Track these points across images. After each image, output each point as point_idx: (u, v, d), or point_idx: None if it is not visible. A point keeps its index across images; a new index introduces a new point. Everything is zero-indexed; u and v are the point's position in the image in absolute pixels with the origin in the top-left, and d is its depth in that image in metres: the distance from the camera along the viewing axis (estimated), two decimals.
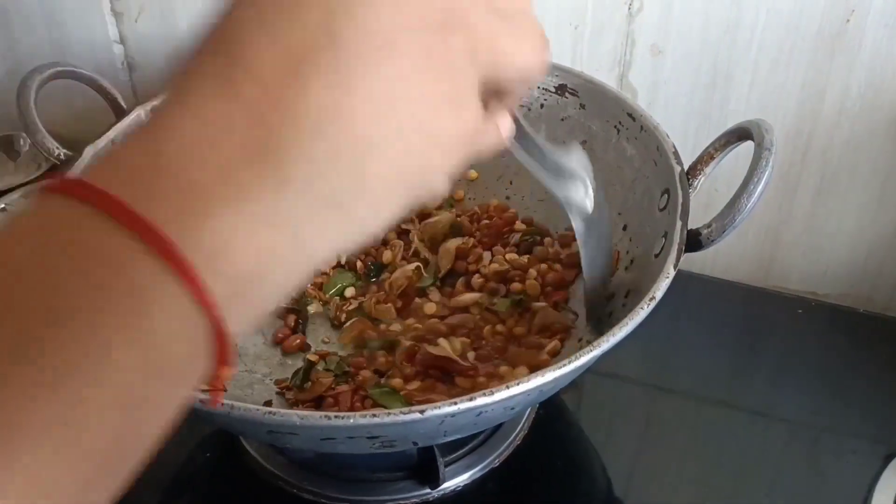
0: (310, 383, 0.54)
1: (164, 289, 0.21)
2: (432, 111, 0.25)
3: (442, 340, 0.53)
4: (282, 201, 0.23)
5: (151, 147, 0.22)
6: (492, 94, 0.28)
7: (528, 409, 0.57)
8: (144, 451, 0.22)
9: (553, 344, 0.53)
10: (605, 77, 0.68)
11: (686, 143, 0.59)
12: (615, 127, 0.58)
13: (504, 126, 0.30)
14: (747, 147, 0.50)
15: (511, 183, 0.65)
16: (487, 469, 0.54)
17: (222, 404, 0.34)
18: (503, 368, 0.52)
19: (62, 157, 0.55)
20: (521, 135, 0.37)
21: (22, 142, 0.82)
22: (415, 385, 0.52)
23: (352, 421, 0.38)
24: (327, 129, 0.23)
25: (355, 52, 0.23)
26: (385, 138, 0.24)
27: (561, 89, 0.61)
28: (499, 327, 0.56)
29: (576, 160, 0.42)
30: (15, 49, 0.80)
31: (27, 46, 0.79)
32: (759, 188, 0.45)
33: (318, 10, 0.23)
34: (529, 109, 0.63)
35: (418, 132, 0.25)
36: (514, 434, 0.56)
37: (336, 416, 0.38)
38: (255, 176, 0.22)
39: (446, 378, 0.52)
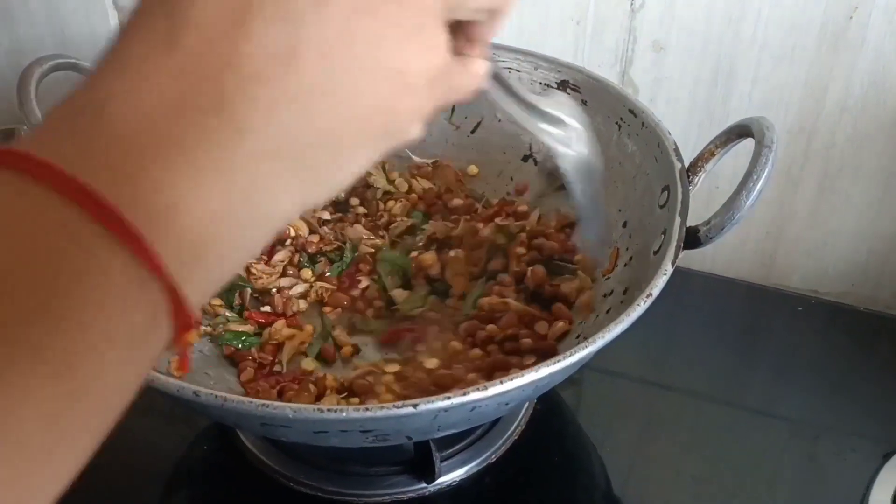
0: None
1: (112, 257, 0.19)
2: (394, 48, 0.23)
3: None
4: (232, 156, 0.21)
5: (90, 107, 0.21)
6: (460, 32, 0.26)
7: (525, 405, 0.57)
8: (107, 423, 0.21)
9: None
10: (607, 73, 0.68)
11: (687, 140, 0.59)
12: (616, 123, 0.58)
13: (480, 67, 0.29)
14: (748, 145, 0.50)
15: (511, 179, 0.65)
16: (484, 464, 0.54)
17: (188, 371, 0.34)
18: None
19: None
20: (499, 81, 0.36)
21: (23, 134, 0.82)
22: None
23: (344, 414, 0.38)
24: (275, 75, 0.22)
25: None
26: (342, 81, 0.22)
27: (563, 85, 0.61)
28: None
29: (561, 106, 0.41)
30: (17, 42, 0.80)
31: (29, 40, 0.79)
32: (759, 186, 0.45)
33: None
34: None
35: (380, 72, 0.23)
36: (511, 430, 0.56)
37: (329, 410, 0.38)
38: (202, 130, 0.21)
39: None
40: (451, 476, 0.53)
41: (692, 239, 0.48)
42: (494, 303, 0.54)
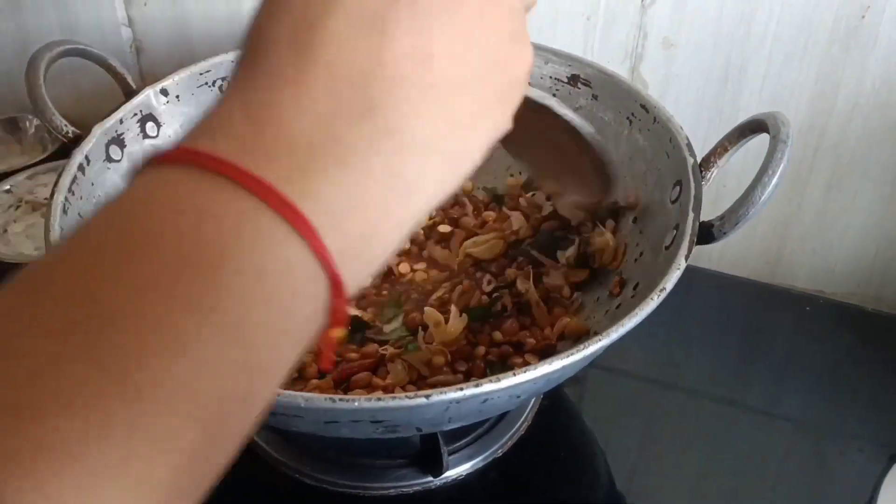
0: None
1: (290, 250, 0.21)
2: (504, 47, 0.26)
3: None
4: (387, 154, 0.23)
5: (251, 116, 0.23)
6: None
7: (533, 400, 0.57)
8: (254, 416, 0.22)
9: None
10: (617, 69, 0.67)
11: (696, 138, 0.58)
12: (628, 118, 0.58)
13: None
14: (757, 143, 0.50)
15: (520, 173, 0.65)
16: (490, 459, 0.54)
17: (329, 367, 0.34)
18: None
19: (70, 134, 0.55)
20: None
21: (28, 123, 0.82)
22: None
23: (356, 404, 0.38)
24: (416, 75, 0.24)
25: (429, 5, 0.24)
26: (468, 76, 0.25)
27: (573, 80, 0.61)
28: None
29: None
30: (23, 31, 0.79)
31: (36, 29, 0.79)
32: (774, 181, 0.45)
33: None
34: None
35: (495, 68, 0.26)
36: (517, 424, 0.56)
37: (341, 400, 0.38)
38: (359, 133, 0.23)
39: None
40: (458, 470, 0.53)
41: (705, 234, 0.47)
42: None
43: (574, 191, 0.51)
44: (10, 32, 0.79)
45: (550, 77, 0.62)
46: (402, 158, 0.24)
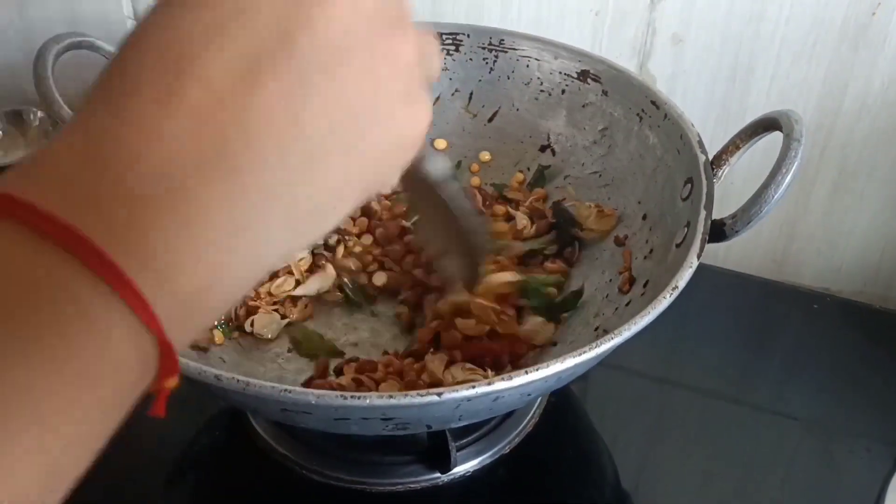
0: None
1: (112, 315, 0.20)
2: (389, 113, 0.25)
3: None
4: (235, 212, 0.21)
5: (90, 155, 0.20)
6: None
7: (540, 398, 0.57)
8: (85, 464, 0.21)
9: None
10: (625, 65, 0.67)
11: (703, 135, 0.58)
12: (638, 115, 0.57)
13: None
14: (766, 141, 0.50)
15: (528, 169, 0.64)
16: (497, 455, 0.54)
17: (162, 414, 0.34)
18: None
19: None
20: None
21: (32, 116, 0.81)
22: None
23: (367, 401, 0.38)
24: (283, 138, 0.22)
25: (311, 58, 0.22)
26: (343, 140, 0.23)
27: (583, 75, 0.61)
28: None
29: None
30: (28, 24, 0.79)
31: (40, 22, 0.79)
32: (788, 179, 0.45)
33: (272, 14, 0.22)
34: (550, 95, 0.62)
35: (377, 134, 0.24)
36: (525, 422, 0.56)
37: (352, 396, 0.38)
38: (206, 186, 0.21)
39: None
40: (465, 467, 0.53)
41: (717, 232, 0.47)
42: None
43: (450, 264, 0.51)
44: (14, 25, 0.79)
45: (560, 72, 0.62)
46: (250, 219, 0.22)
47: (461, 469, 0.52)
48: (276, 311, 0.57)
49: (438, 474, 0.52)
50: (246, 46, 0.22)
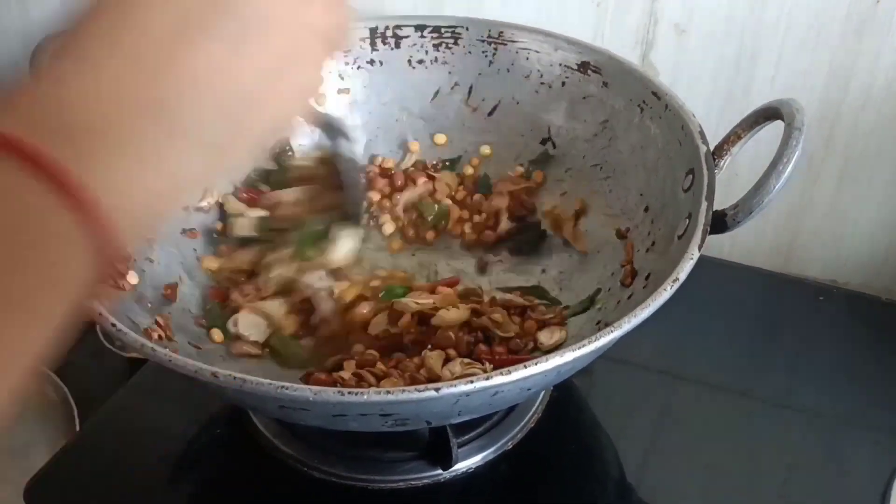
0: None
1: (49, 204, 0.23)
2: (307, 71, 0.30)
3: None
4: (168, 149, 0.26)
5: (51, 95, 0.25)
6: None
7: (542, 392, 0.56)
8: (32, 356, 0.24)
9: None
10: (627, 56, 0.66)
11: (707, 126, 0.58)
12: (639, 106, 0.57)
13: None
14: (770, 131, 0.49)
15: (529, 162, 0.64)
16: (500, 451, 0.53)
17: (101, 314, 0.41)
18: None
19: None
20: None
21: None
22: None
23: (365, 397, 0.37)
24: (216, 87, 0.27)
25: (246, 17, 0.27)
26: (268, 94, 0.29)
27: (583, 67, 0.60)
28: None
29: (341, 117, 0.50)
30: (28, 23, 0.79)
31: (41, 20, 0.79)
32: (789, 169, 0.44)
33: None
34: (551, 87, 0.62)
35: (295, 88, 0.30)
36: (527, 417, 0.55)
37: (349, 393, 0.38)
38: (147, 126, 0.26)
39: None
40: (467, 463, 0.52)
41: (718, 223, 0.47)
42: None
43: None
44: (14, 23, 0.79)
45: (560, 64, 0.61)
46: (179, 155, 0.26)
47: (463, 465, 0.52)
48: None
49: (440, 471, 0.52)
50: (185, 5, 0.26)
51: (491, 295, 0.56)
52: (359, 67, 0.64)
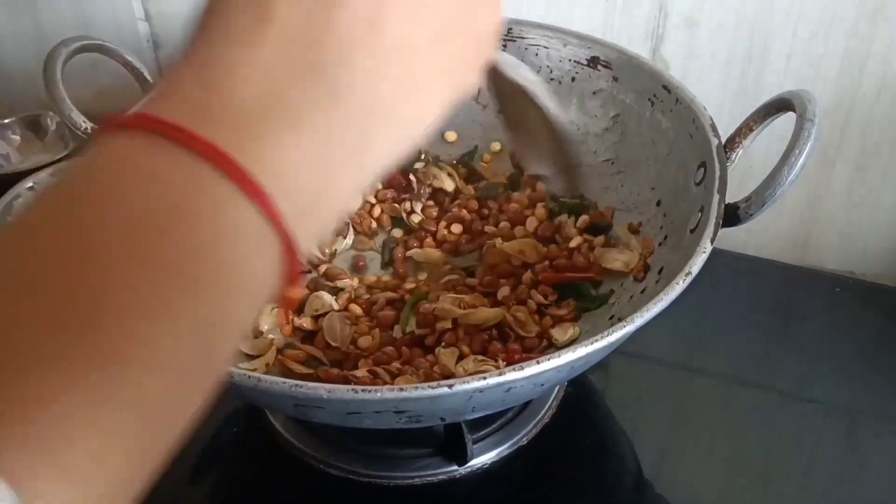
0: None
1: (240, 212, 0.21)
2: (467, 10, 0.26)
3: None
4: (335, 116, 0.23)
5: (203, 79, 0.23)
6: None
7: (557, 388, 0.56)
8: (215, 371, 0.22)
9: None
10: (637, 50, 0.66)
11: (720, 118, 0.57)
12: (649, 100, 0.57)
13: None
14: (783, 123, 0.49)
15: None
16: (515, 447, 0.53)
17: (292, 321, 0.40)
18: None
19: (89, 130, 0.55)
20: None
21: (49, 121, 0.82)
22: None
23: (379, 395, 0.38)
24: (368, 39, 0.24)
25: None
26: (424, 39, 0.25)
27: (593, 62, 0.60)
28: None
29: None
30: (40, 28, 0.80)
31: (52, 25, 0.79)
32: (801, 160, 0.44)
33: None
34: (560, 83, 0.62)
35: (456, 31, 0.26)
36: (542, 412, 0.55)
37: (363, 390, 0.38)
38: (308, 95, 0.23)
39: None
40: (482, 459, 0.52)
41: (731, 216, 0.46)
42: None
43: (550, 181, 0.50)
44: (26, 30, 0.80)
45: (570, 60, 0.61)
46: (351, 122, 0.24)
47: (478, 461, 0.52)
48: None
49: (456, 467, 0.52)
50: None
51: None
52: None
